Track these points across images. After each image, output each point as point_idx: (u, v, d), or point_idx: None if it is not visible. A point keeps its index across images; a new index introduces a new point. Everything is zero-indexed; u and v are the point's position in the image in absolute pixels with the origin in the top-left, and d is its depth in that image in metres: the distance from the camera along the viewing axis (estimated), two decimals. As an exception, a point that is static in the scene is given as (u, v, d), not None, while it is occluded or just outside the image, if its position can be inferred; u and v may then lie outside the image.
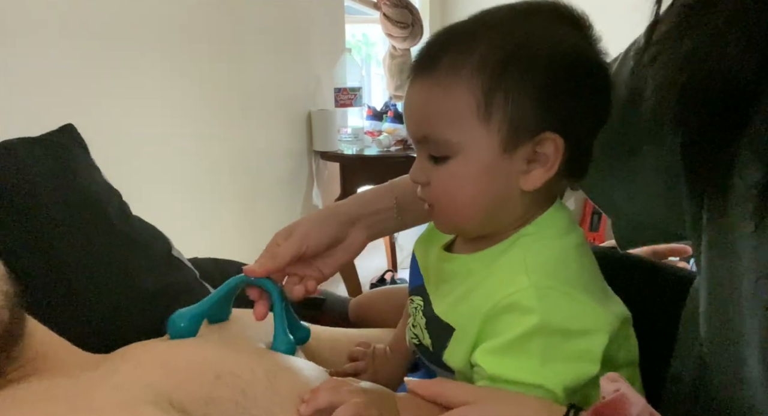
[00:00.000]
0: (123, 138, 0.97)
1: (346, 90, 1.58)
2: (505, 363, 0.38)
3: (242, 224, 1.35)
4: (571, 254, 0.42)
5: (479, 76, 0.38)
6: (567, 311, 0.38)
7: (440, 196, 0.42)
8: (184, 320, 0.46)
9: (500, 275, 0.40)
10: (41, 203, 0.54)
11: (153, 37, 1.01)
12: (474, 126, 0.38)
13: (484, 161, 0.39)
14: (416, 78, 0.41)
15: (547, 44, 0.38)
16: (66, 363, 0.38)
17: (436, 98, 0.39)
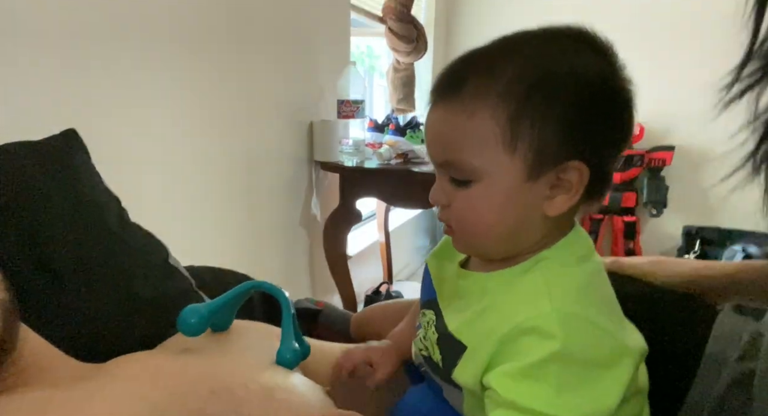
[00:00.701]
0: (124, 144, 0.97)
1: (349, 102, 1.58)
2: (520, 389, 0.37)
3: (240, 232, 1.35)
4: (593, 282, 0.41)
5: (505, 104, 0.38)
6: (590, 340, 0.37)
7: (461, 218, 0.42)
8: (196, 316, 0.46)
9: (520, 297, 0.40)
10: (40, 208, 0.53)
11: (157, 43, 1.01)
12: (498, 153, 0.38)
13: (507, 187, 0.39)
14: (439, 101, 0.41)
15: (573, 72, 0.38)
16: (59, 373, 0.38)
17: (460, 123, 0.39)
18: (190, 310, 0.47)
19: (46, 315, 0.47)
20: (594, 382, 0.36)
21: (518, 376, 0.37)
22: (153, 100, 1.02)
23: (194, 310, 0.47)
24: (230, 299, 0.49)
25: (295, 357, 0.48)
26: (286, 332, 0.49)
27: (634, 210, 2.42)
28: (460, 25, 2.75)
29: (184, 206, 1.14)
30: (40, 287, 0.49)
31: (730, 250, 1.93)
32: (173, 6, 1.04)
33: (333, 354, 0.60)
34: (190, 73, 1.10)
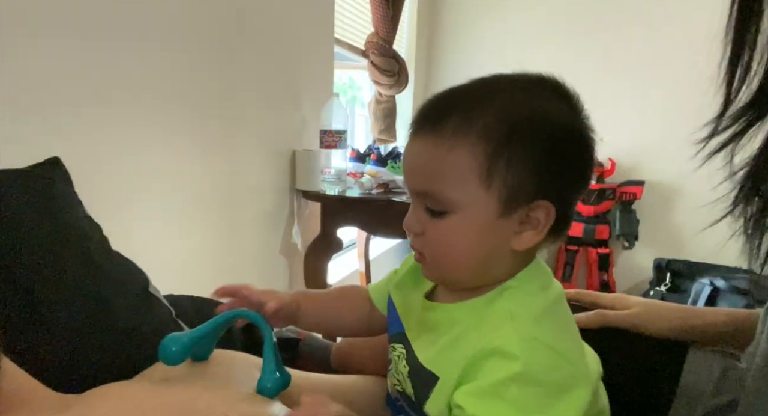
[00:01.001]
0: (105, 171, 0.96)
1: (331, 132, 1.61)
2: (481, 406, 0.38)
3: (221, 259, 1.34)
4: (553, 308, 0.44)
5: (484, 143, 0.40)
6: (549, 363, 0.39)
7: (434, 248, 0.43)
8: (177, 344, 0.46)
9: (487, 324, 0.42)
10: (22, 237, 0.53)
11: (141, 72, 1.02)
12: (475, 188, 0.41)
13: (480, 221, 0.41)
14: (420, 133, 0.43)
15: (546, 119, 0.41)
16: (37, 404, 0.37)
17: (441, 157, 0.41)
18: (171, 339, 0.47)
19: (25, 345, 0.47)
20: (551, 405, 0.38)
21: (481, 395, 0.39)
22: (137, 130, 1.03)
23: (175, 339, 0.47)
24: (212, 328, 0.49)
25: (276, 386, 0.48)
26: (267, 360, 0.49)
27: (607, 242, 2.49)
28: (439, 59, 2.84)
29: (165, 233, 1.13)
30: (19, 316, 0.49)
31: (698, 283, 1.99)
32: (155, 34, 1.06)
33: (314, 384, 0.60)
34: (172, 102, 1.12)
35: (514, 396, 0.38)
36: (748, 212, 0.46)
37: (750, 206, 0.46)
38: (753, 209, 0.46)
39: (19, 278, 0.51)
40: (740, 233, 0.47)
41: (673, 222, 2.46)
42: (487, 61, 2.65)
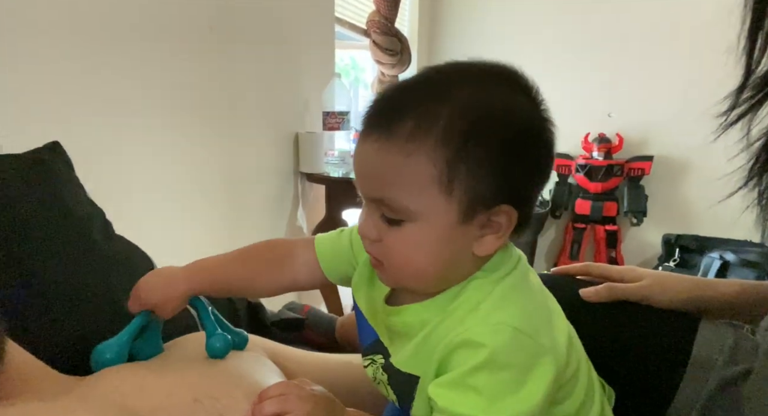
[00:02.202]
0: (108, 156, 0.96)
1: (334, 114, 1.60)
2: (454, 398, 0.38)
3: (226, 243, 1.34)
4: (517, 287, 0.42)
5: (443, 148, 0.37)
6: (516, 344, 0.38)
7: (392, 257, 0.41)
8: (112, 351, 0.46)
9: (453, 317, 0.41)
10: (23, 222, 0.53)
11: (142, 55, 1.01)
12: (434, 196, 0.38)
13: (440, 229, 0.39)
14: (372, 135, 0.39)
15: (506, 117, 0.39)
16: (43, 386, 0.38)
17: (396, 163, 0.38)
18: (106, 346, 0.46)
19: (30, 329, 0.47)
20: (521, 385, 0.38)
21: (451, 386, 0.38)
22: (137, 113, 1.02)
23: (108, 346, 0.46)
24: (136, 328, 0.49)
25: (225, 345, 0.48)
26: (208, 324, 0.50)
27: (615, 219, 2.46)
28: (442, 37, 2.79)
29: (170, 217, 1.13)
30: (24, 300, 0.49)
31: (708, 257, 1.97)
32: (158, 19, 1.04)
33: (316, 363, 0.60)
34: (174, 86, 1.11)
35: (483, 384, 0.37)
36: (763, 183, 0.45)
37: (766, 177, 0.45)
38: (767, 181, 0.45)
39: (21, 263, 0.51)
40: (754, 206, 0.46)
41: (682, 197, 2.43)
42: (490, 37, 2.60)
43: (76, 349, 0.50)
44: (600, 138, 2.41)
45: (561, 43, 2.40)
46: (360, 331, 0.49)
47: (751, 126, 0.45)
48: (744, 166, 0.46)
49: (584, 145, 2.38)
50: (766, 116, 0.45)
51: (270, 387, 0.39)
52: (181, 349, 0.48)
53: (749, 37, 0.44)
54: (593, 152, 2.39)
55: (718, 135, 0.47)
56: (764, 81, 0.44)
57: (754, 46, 0.43)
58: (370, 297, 0.49)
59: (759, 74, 0.44)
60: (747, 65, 0.44)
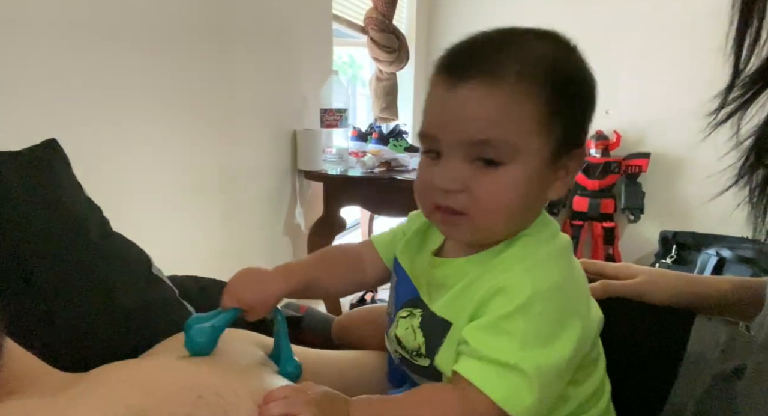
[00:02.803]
0: (105, 154, 0.96)
1: (332, 111, 1.59)
2: (488, 340, 0.40)
3: (224, 241, 1.34)
4: (562, 253, 0.45)
5: (545, 92, 0.41)
6: (554, 299, 0.41)
7: (484, 202, 0.42)
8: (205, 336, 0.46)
9: (499, 267, 0.43)
10: (20, 219, 0.53)
11: (139, 53, 1.01)
12: (533, 136, 0.41)
13: (532, 170, 0.41)
14: (470, 79, 0.40)
15: (585, 69, 0.44)
16: (42, 383, 0.38)
17: (504, 104, 0.40)
18: (198, 331, 0.46)
19: (28, 326, 0.47)
20: (551, 339, 0.40)
21: (486, 328, 0.40)
22: (135, 110, 1.02)
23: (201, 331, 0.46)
24: (228, 321, 0.48)
25: (296, 372, 0.49)
26: (285, 346, 0.50)
27: (612, 216, 2.47)
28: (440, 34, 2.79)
29: (167, 215, 1.13)
30: (21, 298, 0.49)
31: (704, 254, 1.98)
32: (154, 15, 1.04)
33: (317, 361, 0.60)
34: (172, 83, 1.10)
35: (517, 329, 0.39)
36: (754, 181, 0.46)
37: (755, 175, 0.46)
38: (758, 179, 0.46)
39: (18, 260, 0.50)
40: (746, 203, 0.47)
41: (679, 194, 2.44)
42: (488, 34, 2.60)
43: (73, 347, 0.50)
44: (597, 135, 2.41)
45: (558, 40, 2.40)
46: (399, 289, 0.52)
47: (741, 125, 0.46)
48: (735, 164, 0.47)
49: (582, 142, 2.40)
50: (755, 115, 0.45)
51: (276, 390, 0.40)
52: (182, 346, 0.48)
53: (737, 37, 0.44)
54: (591, 149, 2.40)
55: (708, 134, 0.48)
56: (753, 80, 0.44)
57: (742, 46, 0.44)
58: (417, 260, 0.51)
59: (747, 73, 0.45)
60: (735, 65, 0.45)
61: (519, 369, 0.38)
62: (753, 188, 0.46)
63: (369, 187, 1.62)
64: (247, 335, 0.57)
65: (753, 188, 0.46)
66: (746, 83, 0.45)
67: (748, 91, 0.45)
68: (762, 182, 0.46)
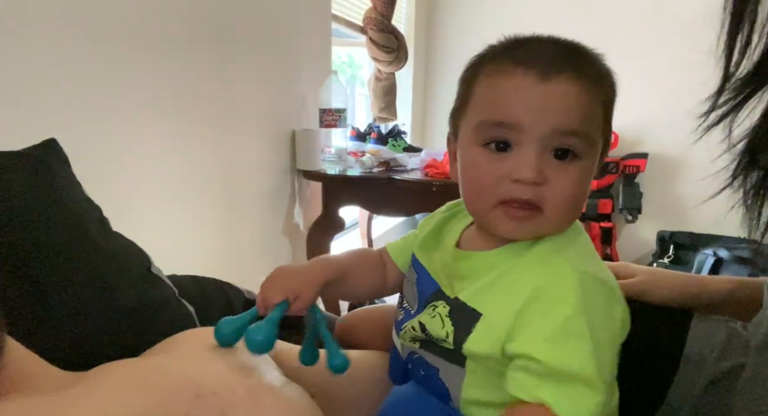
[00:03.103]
0: (104, 153, 0.96)
1: (331, 111, 1.59)
2: (562, 349, 0.38)
3: (223, 240, 1.34)
4: (592, 248, 0.47)
5: (605, 92, 0.45)
6: (600, 292, 0.41)
7: (559, 195, 0.43)
8: (263, 334, 0.46)
9: (533, 259, 0.44)
10: (19, 219, 0.53)
11: (138, 52, 1.01)
12: (599, 135, 0.45)
13: (593, 165, 0.45)
14: (564, 74, 0.42)
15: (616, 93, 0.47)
16: (43, 382, 0.38)
17: (588, 100, 0.43)
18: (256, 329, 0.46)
19: (29, 325, 0.47)
20: (609, 324, 0.41)
21: (554, 338, 0.39)
22: (134, 111, 1.02)
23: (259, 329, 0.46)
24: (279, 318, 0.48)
25: (345, 363, 0.49)
26: (329, 343, 0.50)
27: (610, 216, 2.48)
28: (439, 35, 2.79)
29: (167, 214, 1.13)
30: (21, 297, 0.49)
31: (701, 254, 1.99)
32: (154, 16, 1.04)
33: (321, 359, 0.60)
34: (171, 83, 1.10)
35: (584, 329, 0.38)
36: (748, 183, 0.46)
37: (749, 177, 0.46)
38: (752, 181, 0.46)
39: (17, 260, 0.51)
40: (740, 205, 0.47)
41: (677, 194, 2.44)
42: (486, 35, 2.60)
43: (73, 346, 0.50)
44: (595, 135, 2.41)
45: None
46: (420, 284, 0.52)
47: (732, 128, 0.46)
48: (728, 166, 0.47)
49: (580, 142, 2.40)
50: (747, 118, 0.46)
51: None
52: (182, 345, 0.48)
53: (728, 40, 0.45)
54: (589, 150, 2.41)
55: (699, 137, 0.49)
56: (744, 83, 0.45)
57: (733, 49, 0.45)
58: (434, 255, 0.53)
59: (738, 76, 0.45)
60: (725, 68, 0.46)
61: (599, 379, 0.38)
62: (747, 190, 0.47)
63: (368, 187, 1.62)
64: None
65: (747, 190, 0.47)
66: (737, 86, 0.45)
67: (739, 94, 0.45)
68: (756, 184, 0.46)
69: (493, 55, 0.46)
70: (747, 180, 0.46)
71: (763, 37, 0.43)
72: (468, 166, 0.46)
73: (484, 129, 0.44)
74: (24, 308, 0.49)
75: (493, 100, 0.44)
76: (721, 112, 0.47)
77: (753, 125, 0.45)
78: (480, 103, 0.46)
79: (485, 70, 0.46)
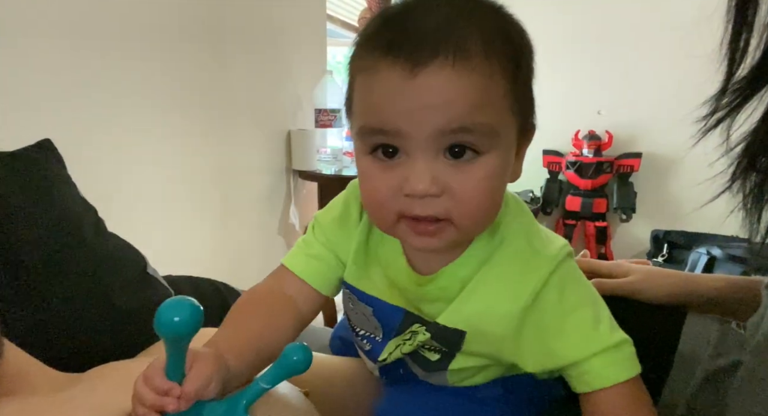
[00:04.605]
0: (99, 154, 0.96)
1: (326, 111, 1.59)
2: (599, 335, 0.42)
3: (218, 241, 1.34)
4: (532, 218, 0.46)
5: (509, 66, 0.35)
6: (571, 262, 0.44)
7: (465, 203, 0.36)
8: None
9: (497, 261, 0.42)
10: (15, 220, 0.53)
11: (133, 53, 1.01)
12: (507, 117, 0.36)
13: (507, 154, 0.37)
14: (436, 59, 0.33)
15: (527, 39, 0.38)
16: (40, 384, 0.38)
17: (478, 83, 0.34)
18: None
19: (25, 327, 0.47)
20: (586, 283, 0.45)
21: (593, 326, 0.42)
22: (129, 110, 1.01)
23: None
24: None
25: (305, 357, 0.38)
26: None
27: (605, 216, 2.49)
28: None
29: (162, 215, 1.13)
30: (17, 298, 0.49)
31: (695, 253, 2.00)
32: (148, 16, 1.04)
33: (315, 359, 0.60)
34: (166, 84, 1.10)
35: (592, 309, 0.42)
36: (746, 187, 0.46)
37: (748, 180, 0.46)
38: (751, 184, 0.46)
39: (12, 260, 0.50)
40: (739, 209, 0.47)
41: (671, 193, 2.46)
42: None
43: (69, 347, 0.50)
44: (590, 135, 2.43)
45: (551, 40, 2.41)
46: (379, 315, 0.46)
47: (731, 131, 0.46)
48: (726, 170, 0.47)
49: (574, 142, 2.41)
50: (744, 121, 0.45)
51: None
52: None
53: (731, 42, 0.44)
54: (583, 149, 2.42)
55: (698, 140, 0.48)
56: (742, 86, 0.44)
57: (736, 51, 0.44)
58: (384, 278, 0.45)
59: (737, 79, 0.45)
60: (728, 71, 0.45)
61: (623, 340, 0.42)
62: (746, 193, 0.46)
63: (363, 187, 1.62)
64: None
65: (746, 193, 0.46)
66: (736, 89, 0.45)
67: (738, 97, 0.45)
68: (755, 187, 0.46)
69: (365, 39, 0.37)
70: (746, 183, 0.46)
71: (764, 38, 0.42)
72: (361, 177, 0.39)
73: (366, 136, 0.37)
74: (20, 310, 0.49)
75: (366, 103, 0.37)
76: (718, 115, 0.46)
77: (752, 128, 0.44)
78: (357, 105, 0.38)
79: (357, 61, 0.38)
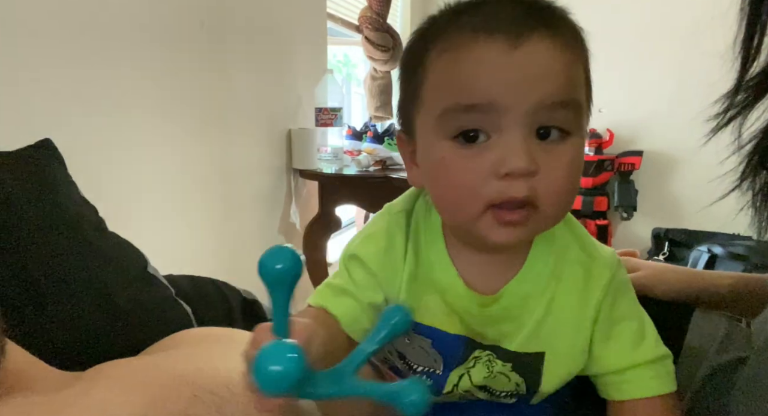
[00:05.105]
0: (100, 153, 0.96)
1: (327, 110, 1.59)
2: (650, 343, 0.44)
3: (219, 240, 1.34)
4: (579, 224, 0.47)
5: (584, 48, 0.37)
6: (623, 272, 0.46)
7: (554, 186, 0.34)
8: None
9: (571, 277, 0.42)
10: (15, 220, 0.53)
11: (133, 52, 1.01)
12: (586, 101, 0.37)
13: (584, 140, 0.37)
14: (536, 32, 0.33)
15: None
16: (41, 382, 0.38)
17: (569, 59, 0.34)
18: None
19: (26, 326, 0.47)
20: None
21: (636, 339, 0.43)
22: (130, 111, 1.01)
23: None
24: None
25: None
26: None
27: (606, 214, 2.49)
28: (435, 34, 2.79)
29: (163, 214, 1.13)
30: (18, 298, 0.49)
31: (696, 251, 2.00)
32: (148, 14, 1.04)
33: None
34: (166, 82, 1.10)
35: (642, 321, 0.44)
36: (756, 185, 0.46)
37: (758, 178, 0.46)
38: (761, 182, 0.46)
39: (13, 260, 0.51)
40: (748, 207, 0.47)
41: (672, 191, 2.46)
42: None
43: (69, 345, 0.50)
44: (591, 133, 2.43)
45: (552, 38, 2.41)
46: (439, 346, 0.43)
47: (742, 129, 0.45)
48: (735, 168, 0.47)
49: (575, 140, 2.41)
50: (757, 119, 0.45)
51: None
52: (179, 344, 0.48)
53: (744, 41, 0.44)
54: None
55: (709, 138, 0.48)
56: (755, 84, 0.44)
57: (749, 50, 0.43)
58: (443, 305, 0.42)
59: (750, 76, 0.44)
60: (742, 68, 0.44)
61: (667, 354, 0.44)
62: (756, 192, 0.46)
63: (364, 186, 1.62)
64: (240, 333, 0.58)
65: (756, 192, 0.46)
66: (749, 87, 0.44)
67: (750, 95, 0.44)
68: (765, 185, 0.45)
69: (442, 27, 0.36)
70: (756, 181, 0.46)
71: None
72: (438, 167, 0.37)
73: (452, 117, 0.35)
74: (21, 309, 0.49)
75: (455, 81, 0.35)
76: (730, 113, 0.45)
77: (763, 126, 0.44)
78: (438, 87, 0.36)
79: (436, 46, 0.36)
